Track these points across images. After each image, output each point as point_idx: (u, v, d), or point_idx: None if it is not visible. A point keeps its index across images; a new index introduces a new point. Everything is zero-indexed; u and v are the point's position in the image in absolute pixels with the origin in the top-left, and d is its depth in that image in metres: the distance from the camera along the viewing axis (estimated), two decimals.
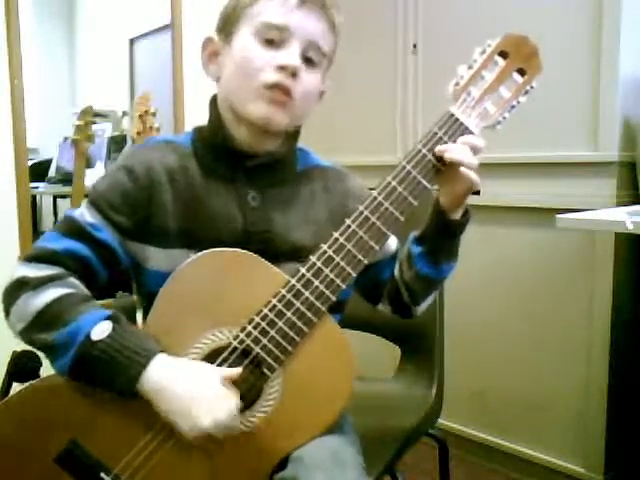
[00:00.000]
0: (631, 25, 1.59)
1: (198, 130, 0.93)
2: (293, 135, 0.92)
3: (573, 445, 1.76)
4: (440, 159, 0.83)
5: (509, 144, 1.80)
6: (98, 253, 0.84)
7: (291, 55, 0.83)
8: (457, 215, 0.88)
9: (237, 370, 0.78)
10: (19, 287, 0.81)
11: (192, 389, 0.76)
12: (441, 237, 0.90)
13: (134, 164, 0.86)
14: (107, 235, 0.84)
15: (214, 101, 0.91)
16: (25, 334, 0.80)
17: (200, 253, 0.81)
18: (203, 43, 0.91)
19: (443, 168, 0.83)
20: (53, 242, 0.84)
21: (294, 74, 0.83)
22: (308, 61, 0.85)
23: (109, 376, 0.76)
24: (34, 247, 0.85)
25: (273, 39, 0.83)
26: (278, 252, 0.85)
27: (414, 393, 1.23)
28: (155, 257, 0.86)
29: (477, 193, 0.87)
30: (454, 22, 1.97)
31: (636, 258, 1.70)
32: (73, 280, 0.83)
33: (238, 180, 0.88)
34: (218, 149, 0.89)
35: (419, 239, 0.93)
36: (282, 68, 0.83)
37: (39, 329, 0.79)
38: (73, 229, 0.84)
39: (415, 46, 2.07)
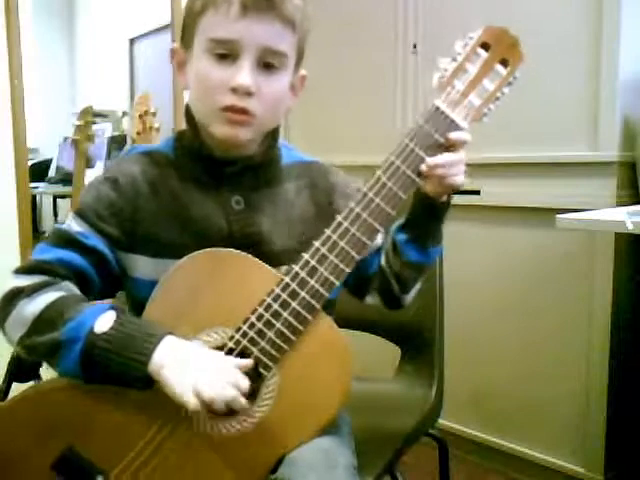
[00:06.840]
0: (631, 25, 1.59)
1: (179, 136, 0.92)
2: (272, 134, 0.90)
3: (573, 445, 1.75)
4: (427, 152, 0.82)
5: (509, 144, 1.80)
6: (89, 260, 0.84)
7: (242, 74, 0.80)
8: (442, 199, 0.88)
9: (249, 361, 0.77)
10: (13, 297, 0.80)
11: (203, 362, 0.75)
12: (427, 221, 0.90)
13: (117, 176, 0.87)
14: (96, 242, 0.84)
15: (188, 109, 0.89)
16: (25, 341, 0.78)
17: (194, 253, 0.80)
18: (170, 53, 0.90)
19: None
20: (44, 253, 0.83)
21: (248, 93, 0.81)
22: (268, 66, 0.82)
23: (120, 365, 0.74)
24: (26, 260, 0.84)
25: (224, 53, 0.81)
26: (267, 254, 0.84)
27: (414, 393, 1.23)
28: (143, 266, 0.86)
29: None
30: (454, 22, 1.96)
31: (636, 258, 1.70)
32: (68, 284, 0.82)
33: (221, 186, 0.88)
34: (197, 157, 0.88)
35: (403, 227, 0.92)
36: (235, 89, 0.80)
37: (40, 332, 0.77)
38: (62, 239, 0.84)
39: (415, 46, 2.07)
